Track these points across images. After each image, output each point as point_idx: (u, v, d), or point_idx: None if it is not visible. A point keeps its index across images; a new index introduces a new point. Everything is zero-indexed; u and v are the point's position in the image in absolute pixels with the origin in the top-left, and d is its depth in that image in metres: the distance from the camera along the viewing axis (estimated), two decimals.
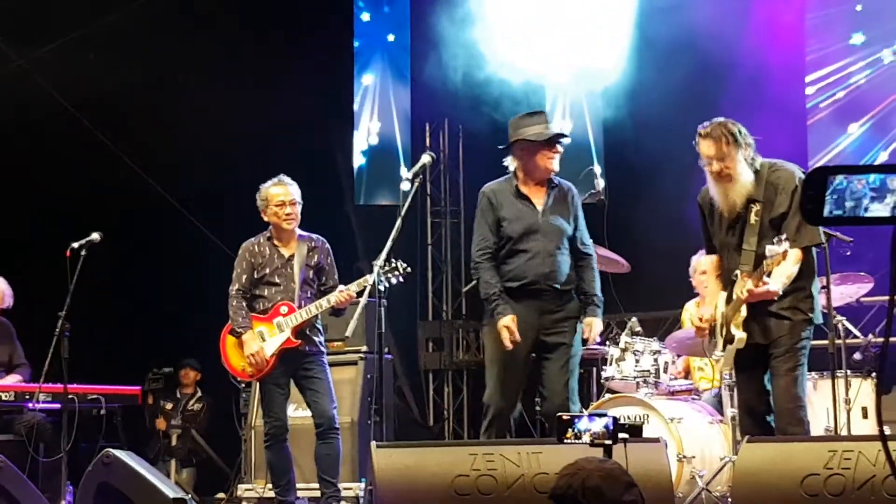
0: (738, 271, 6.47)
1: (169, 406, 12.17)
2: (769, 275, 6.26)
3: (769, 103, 10.59)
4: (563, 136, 7.37)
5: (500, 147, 7.44)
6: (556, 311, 7.22)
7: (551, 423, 7.03)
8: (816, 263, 6.64)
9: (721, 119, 6.53)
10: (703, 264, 8.70)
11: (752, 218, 6.43)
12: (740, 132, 6.45)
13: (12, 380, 9.35)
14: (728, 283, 6.63)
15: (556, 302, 7.23)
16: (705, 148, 6.48)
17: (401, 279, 7.50)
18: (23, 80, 11.55)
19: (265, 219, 8.11)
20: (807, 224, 6.28)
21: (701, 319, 6.75)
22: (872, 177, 2.28)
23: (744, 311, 6.44)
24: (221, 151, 12.08)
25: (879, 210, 2.28)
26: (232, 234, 10.19)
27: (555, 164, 7.29)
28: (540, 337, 7.21)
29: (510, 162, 7.36)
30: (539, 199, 7.32)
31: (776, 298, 6.37)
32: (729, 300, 6.58)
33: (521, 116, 7.42)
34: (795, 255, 6.34)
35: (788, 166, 6.56)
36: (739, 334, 6.46)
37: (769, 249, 6.15)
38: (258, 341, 7.92)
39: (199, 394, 12.33)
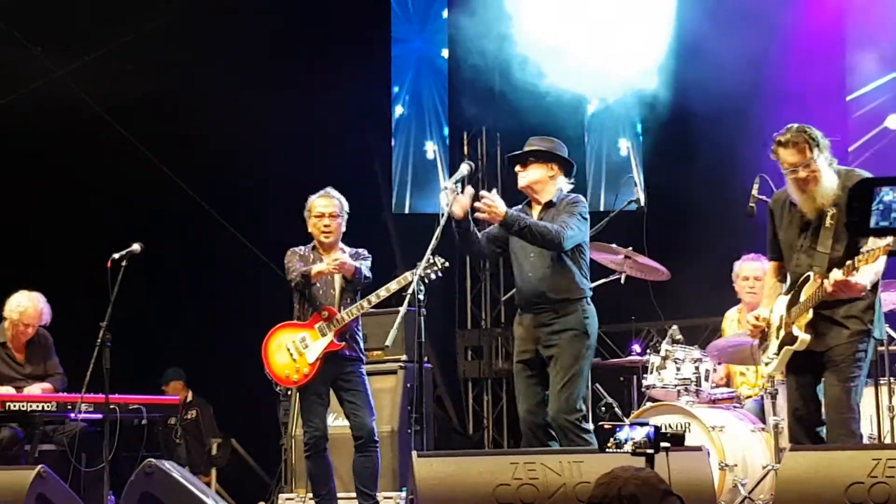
0: (809, 273, 6.37)
1: (171, 421, 12.08)
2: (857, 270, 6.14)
3: (810, 106, 10.55)
4: (514, 154, 7.67)
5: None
6: (550, 324, 7.33)
7: (555, 432, 7.26)
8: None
9: (797, 125, 6.41)
10: (745, 270, 8.68)
11: (829, 221, 6.33)
12: (819, 135, 6.38)
13: (39, 387, 9.39)
14: (792, 285, 6.53)
15: (550, 314, 7.33)
16: (788, 156, 6.37)
17: (439, 274, 7.53)
18: (61, 90, 11.63)
19: (309, 228, 8.17)
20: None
21: (758, 318, 6.65)
22: None
23: (810, 313, 6.34)
24: (258, 159, 12.13)
25: None
26: (268, 241, 10.24)
27: (521, 181, 7.55)
28: (538, 349, 7.37)
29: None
30: (535, 214, 7.51)
31: (844, 303, 6.25)
32: (793, 303, 6.47)
33: None
34: (883, 258, 6.25)
35: (864, 173, 6.46)
36: (803, 335, 6.34)
37: (872, 241, 6.03)
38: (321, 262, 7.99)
39: (190, 398, 12.27)
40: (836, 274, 6.14)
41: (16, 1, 11.45)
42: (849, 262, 6.10)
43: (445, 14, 13.25)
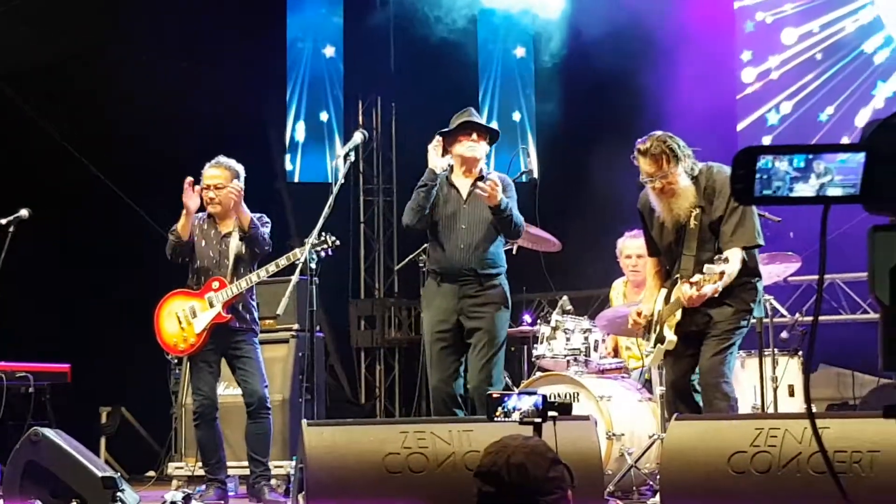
0: (678, 276, 6.53)
1: None
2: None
3: (699, 72, 10.69)
4: (472, 123, 7.47)
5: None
6: (475, 297, 7.41)
7: (472, 403, 7.36)
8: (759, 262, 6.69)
9: (658, 134, 6.51)
10: (628, 247, 8.78)
11: (692, 223, 6.48)
12: (678, 146, 6.47)
13: None
14: (668, 283, 6.67)
15: (475, 287, 7.41)
16: (645, 165, 6.48)
17: (329, 252, 7.52)
18: None
19: None
20: (744, 225, 6.37)
21: (639, 315, 6.79)
22: (796, 158, 2.30)
23: (679, 314, 6.51)
24: (150, 126, 11.98)
25: (804, 190, 2.30)
26: (160, 209, 10.11)
27: (471, 150, 7.43)
28: (460, 320, 7.41)
29: (449, 157, 7.55)
30: (465, 187, 7.51)
31: (729, 287, 6.41)
32: (667, 300, 6.62)
33: (455, 116, 7.57)
34: (737, 254, 6.40)
35: (724, 169, 6.57)
36: (671, 336, 6.53)
37: (707, 269, 6.21)
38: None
39: None
40: (688, 291, 6.30)
41: None
42: (694, 281, 6.26)
43: None
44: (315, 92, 13.28)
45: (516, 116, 12.79)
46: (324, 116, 13.24)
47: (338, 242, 7.55)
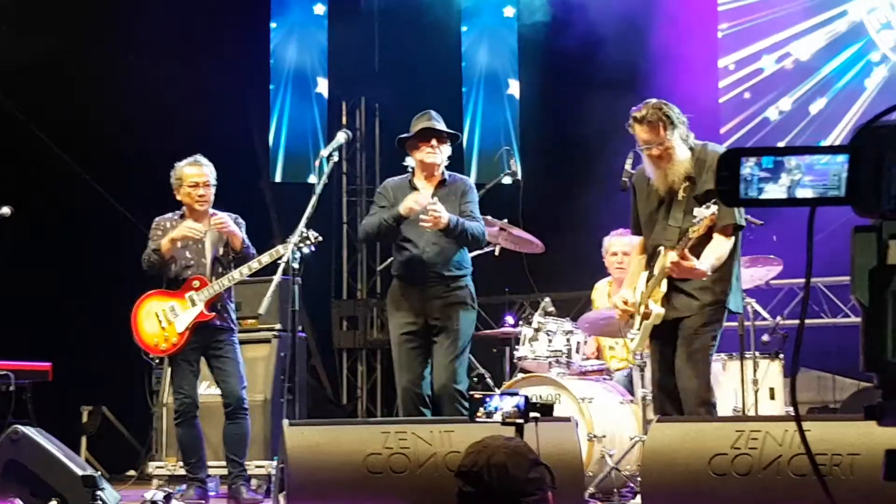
0: (661, 247, 6.48)
1: None
2: (692, 242, 6.28)
3: (683, 69, 10.71)
4: (431, 130, 7.53)
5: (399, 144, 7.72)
6: (442, 297, 7.50)
7: (438, 401, 7.47)
8: (739, 250, 6.65)
9: (653, 101, 6.50)
10: (614, 245, 8.79)
11: (681, 194, 6.46)
12: (674, 113, 6.46)
13: None
14: (649, 259, 6.64)
15: (442, 289, 7.51)
16: (642, 133, 6.46)
17: (312, 248, 7.52)
18: None
19: (178, 197, 8.07)
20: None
21: (625, 303, 6.73)
22: (764, 159, 2.30)
23: (664, 286, 6.45)
24: (134, 125, 11.95)
25: (774, 191, 2.30)
26: (144, 208, 10.11)
27: (431, 157, 7.53)
28: (429, 322, 7.51)
29: (409, 161, 7.69)
30: (427, 192, 7.55)
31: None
32: (650, 277, 6.58)
33: (415, 118, 7.65)
34: (724, 240, 6.39)
35: (718, 147, 6.63)
36: (657, 309, 6.45)
37: (697, 212, 6.18)
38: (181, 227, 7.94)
39: None
40: (672, 256, 6.28)
41: None
42: (681, 241, 6.24)
43: None
44: (299, 91, 13.25)
45: (501, 117, 12.78)
46: (307, 116, 13.20)
47: (320, 238, 7.55)
